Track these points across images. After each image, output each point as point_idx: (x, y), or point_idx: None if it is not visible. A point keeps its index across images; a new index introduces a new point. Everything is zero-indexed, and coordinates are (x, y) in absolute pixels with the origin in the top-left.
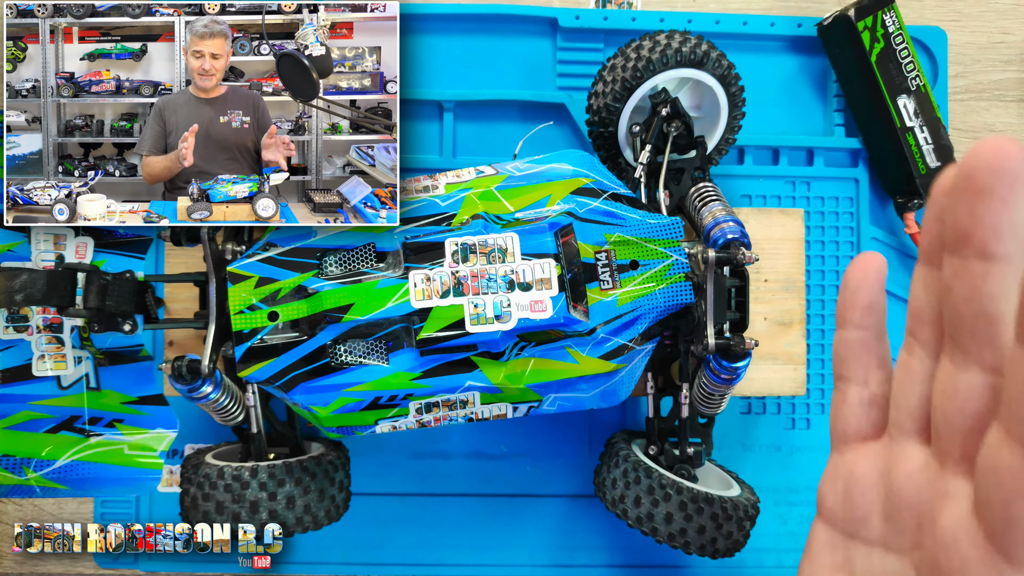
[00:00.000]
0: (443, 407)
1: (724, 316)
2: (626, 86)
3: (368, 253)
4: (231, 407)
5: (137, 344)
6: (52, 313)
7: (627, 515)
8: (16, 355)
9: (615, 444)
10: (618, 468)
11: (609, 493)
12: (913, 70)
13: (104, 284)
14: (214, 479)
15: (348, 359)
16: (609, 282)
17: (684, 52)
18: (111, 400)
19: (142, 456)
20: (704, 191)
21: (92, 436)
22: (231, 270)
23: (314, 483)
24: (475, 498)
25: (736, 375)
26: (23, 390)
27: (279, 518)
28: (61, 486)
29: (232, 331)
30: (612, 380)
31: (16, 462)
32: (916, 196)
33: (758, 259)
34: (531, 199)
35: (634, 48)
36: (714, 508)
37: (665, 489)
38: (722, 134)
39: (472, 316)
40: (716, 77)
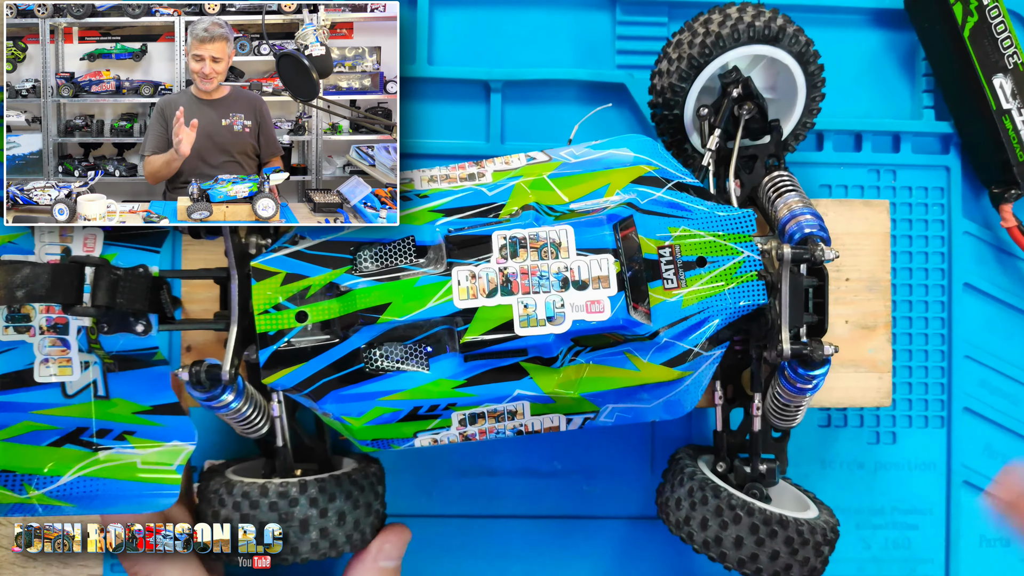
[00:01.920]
0: (489, 418)
1: (801, 319)
2: (693, 64)
3: (407, 247)
4: (254, 417)
5: (151, 347)
6: (57, 312)
7: (693, 539)
8: (16, 359)
9: (679, 460)
10: (683, 487)
11: (673, 515)
12: (1011, 46)
13: (115, 280)
14: (255, 497)
15: (384, 365)
16: (673, 280)
17: (757, 27)
18: (121, 410)
19: (156, 472)
20: (779, 180)
21: (100, 450)
22: (255, 265)
23: (363, 497)
24: (525, 520)
25: (814, 384)
26: (24, 398)
27: (330, 536)
28: (66, 504)
29: (256, 333)
30: (676, 389)
31: (16, 479)
32: (1014, 186)
33: (838, 256)
34: (587, 189)
35: (702, 22)
36: (789, 532)
37: (735, 510)
38: (799, 118)
39: (522, 317)
40: (793, 55)
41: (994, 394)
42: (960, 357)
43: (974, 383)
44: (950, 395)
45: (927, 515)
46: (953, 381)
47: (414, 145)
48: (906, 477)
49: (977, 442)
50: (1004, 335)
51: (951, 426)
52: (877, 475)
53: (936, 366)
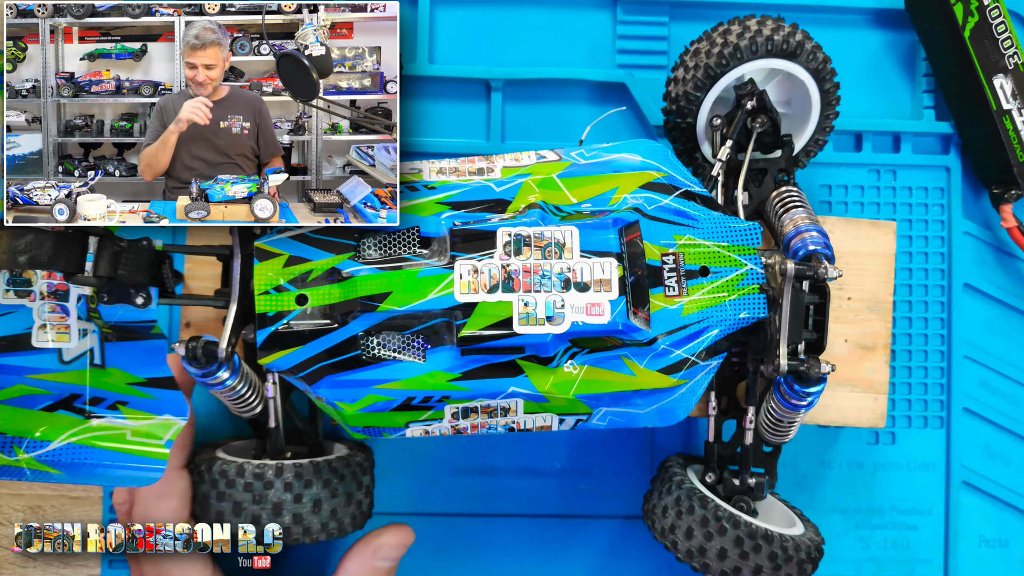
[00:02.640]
0: (482, 413)
1: (800, 335)
2: (709, 73)
3: (412, 237)
4: (248, 397)
5: (150, 320)
6: (58, 279)
7: (677, 547)
8: (15, 322)
9: (669, 468)
10: (670, 495)
11: (659, 522)
12: (1011, 47)
13: (118, 251)
14: (232, 476)
15: (381, 353)
16: (675, 288)
17: (776, 41)
18: (116, 380)
19: (145, 444)
20: (787, 196)
21: (93, 418)
22: (259, 246)
23: (342, 486)
24: (523, 519)
25: (808, 401)
26: (20, 361)
27: (304, 523)
28: (54, 470)
29: (255, 313)
30: (671, 397)
31: (7, 440)
32: (1014, 186)
33: (841, 274)
34: (596, 191)
35: (721, 32)
36: (773, 547)
37: (720, 522)
38: (812, 134)
39: (521, 315)
40: (810, 71)
41: (994, 395)
42: (960, 357)
43: (974, 384)
44: (949, 395)
45: (926, 515)
46: (953, 381)
47: (414, 144)
48: (905, 477)
49: (976, 443)
50: (1004, 335)
51: (950, 426)
52: (876, 475)
53: (936, 366)
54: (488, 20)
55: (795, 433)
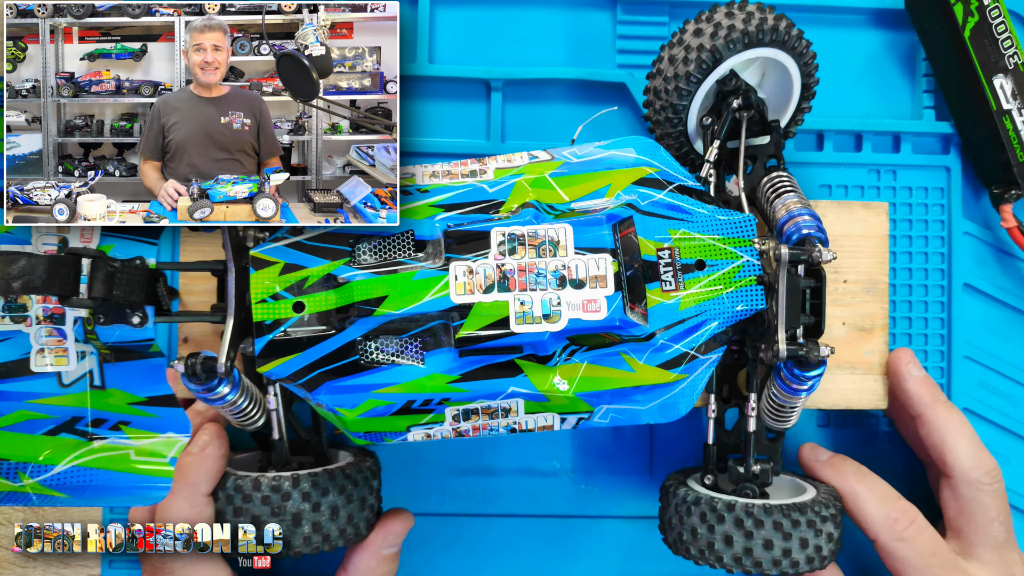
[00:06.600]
0: (483, 415)
1: (797, 320)
2: (691, 80)
3: (406, 241)
4: (250, 410)
5: (147, 339)
6: (53, 302)
7: (691, 553)
8: (13, 348)
9: (667, 488)
10: (671, 507)
11: (670, 536)
12: (1011, 47)
13: (111, 272)
14: (248, 491)
15: (379, 357)
16: (672, 283)
17: (751, 32)
18: (117, 400)
19: (150, 463)
20: (777, 181)
21: (95, 440)
22: (254, 255)
23: (356, 491)
24: (524, 519)
25: (809, 385)
26: (20, 387)
27: (323, 531)
28: (60, 494)
29: (252, 322)
30: (672, 392)
31: (11, 467)
32: (1014, 186)
33: (836, 257)
34: (588, 188)
35: (692, 33)
36: (774, 516)
37: (716, 510)
38: (791, 115)
39: (518, 314)
40: (789, 52)
41: (994, 395)
42: (960, 358)
43: (974, 384)
44: (949, 395)
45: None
46: (953, 382)
47: (414, 144)
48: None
49: None
50: (1004, 336)
51: None
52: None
53: (936, 366)
54: (488, 20)
55: (798, 418)
